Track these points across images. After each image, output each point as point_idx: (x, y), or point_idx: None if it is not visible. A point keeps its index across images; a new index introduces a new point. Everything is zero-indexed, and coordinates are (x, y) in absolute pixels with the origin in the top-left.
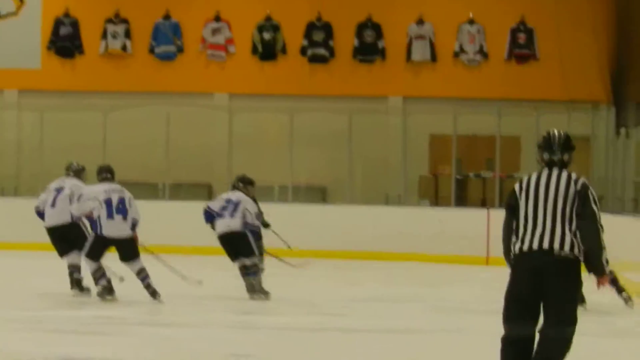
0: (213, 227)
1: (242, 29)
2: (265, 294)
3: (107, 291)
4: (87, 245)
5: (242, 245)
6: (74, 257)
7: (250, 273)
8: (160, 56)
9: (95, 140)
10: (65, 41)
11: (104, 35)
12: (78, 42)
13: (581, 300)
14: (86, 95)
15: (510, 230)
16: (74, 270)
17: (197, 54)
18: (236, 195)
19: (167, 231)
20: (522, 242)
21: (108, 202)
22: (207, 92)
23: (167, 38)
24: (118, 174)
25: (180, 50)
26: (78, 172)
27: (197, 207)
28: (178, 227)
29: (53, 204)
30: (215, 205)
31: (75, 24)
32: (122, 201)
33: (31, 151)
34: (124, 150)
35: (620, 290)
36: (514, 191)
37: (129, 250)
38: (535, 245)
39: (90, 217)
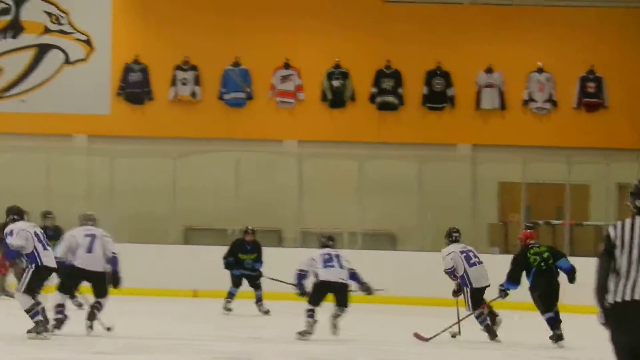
0: (301, 288)
1: (311, 76)
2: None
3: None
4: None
5: (344, 296)
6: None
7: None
8: (229, 103)
9: (164, 185)
10: (134, 87)
11: (174, 81)
12: (147, 89)
13: None
14: (156, 141)
15: (606, 275)
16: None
17: (266, 101)
18: (334, 250)
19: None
20: (620, 292)
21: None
22: (276, 138)
23: (237, 85)
24: (187, 219)
25: (250, 97)
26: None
27: (266, 253)
28: None
29: (90, 250)
30: (307, 264)
31: (144, 71)
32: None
33: (101, 196)
34: (193, 196)
35: None
36: (609, 236)
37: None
38: (637, 296)
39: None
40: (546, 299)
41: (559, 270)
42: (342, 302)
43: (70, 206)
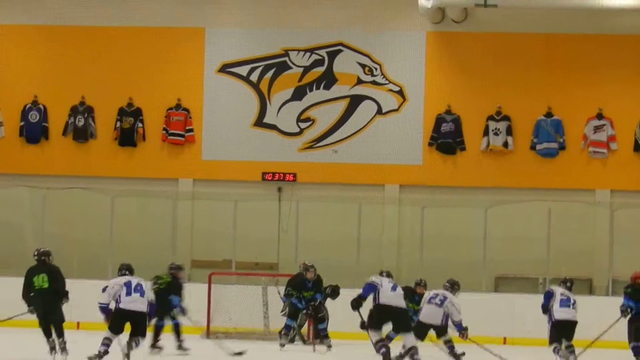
0: None
1: (624, 125)
2: None
3: None
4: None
5: None
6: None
7: None
8: (541, 153)
9: (475, 234)
10: (446, 137)
11: (486, 131)
12: (460, 139)
13: None
14: (467, 191)
15: None
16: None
17: (578, 151)
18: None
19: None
20: None
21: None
22: (588, 188)
23: (549, 135)
24: (498, 268)
25: (562, 147)
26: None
27: (578, 301)
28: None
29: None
30: None
31: (456, 121)
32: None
33: (411, 245)
34: (504, 245)
35: None
36: None
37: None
38: None
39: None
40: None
41: None
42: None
43: (380, 254)
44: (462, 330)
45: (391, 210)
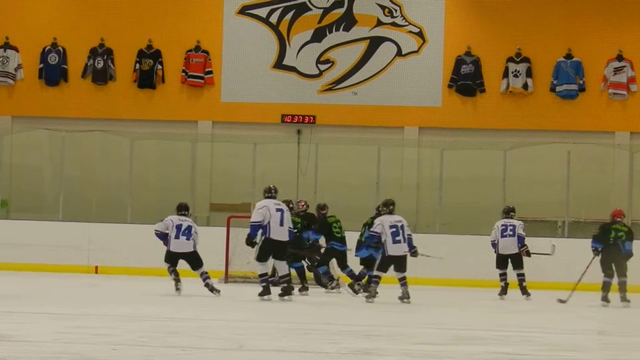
0: None
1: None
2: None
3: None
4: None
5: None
6: None
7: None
8: (561, 95)
9: (494, 177)
10: (466, 79)
11: (505, 73)
12: (479, 81)
13: None
14: (486, 133)
15: None
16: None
17: (598, 93)
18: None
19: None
20: None
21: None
22: (608, 130)
23: (569, 77)
24: (517, 211)
25: (582, 89)
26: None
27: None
28: (574, 263)
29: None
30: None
31: (476, 63)
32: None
33: (430, 187)
34: (523, 188)
35: None
36: None
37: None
38: None
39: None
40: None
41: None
42: None
43: (400, 196)
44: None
45: (410, 152)
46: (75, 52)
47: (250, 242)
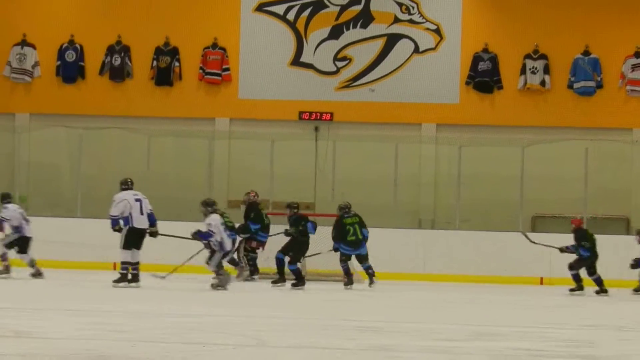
0: None
1: None
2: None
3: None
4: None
5: None
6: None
7: None
8: (579, 91)
9: (512, 174)
10: (484, 76)
11: (523, 70)
12: (497, 77)
13: None
14: (503, 130)
15: None
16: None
17: (616, 90)
18: None
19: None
20: None
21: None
22: (626, 127)
23: (587, 74)
24: (534, 207)
25: (600, 85)
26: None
27: (614, 240)
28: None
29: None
30: None
31: (494, 59)
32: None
33: (448, 184)
34: (541, 184)
35: None
36: None
37: None
38: None
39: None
40: None
41: None
42: None
43: (417, 193)
44: None
45: (428, 149)
46: (92, 49)
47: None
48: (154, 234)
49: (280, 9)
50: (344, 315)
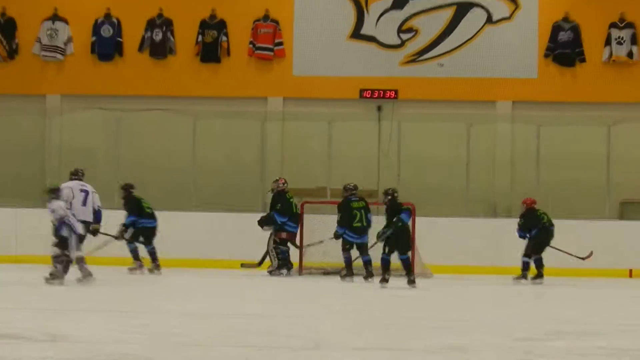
0: None
1: None
2: None
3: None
4: None
5: None
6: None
7: None
8: None
9: (596, 155)
10: (564, 48)
11: (608, 41)
12: (579, 49)
13: None
14: (586, 107)
15: None
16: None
17: None
18: None
19: None
20: None
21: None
22: None
23: None
24: (621, 193)
25: None
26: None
27: None
28: None
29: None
30: None
31: (575, 29)
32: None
33: (526, 165)
34: (630, 167)
35: None
36: None
37: None
38: None
39: None
40: None
41: None
42: None
43: (492, 176)
44: None
45: (504, 128)
46: (130, 24)
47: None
48: (94, 232)
49: None
50: (407, 312)
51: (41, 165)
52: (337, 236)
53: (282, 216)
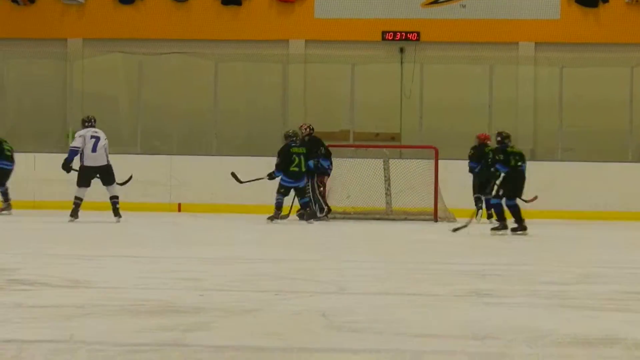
0: None
1: None
2: None
3: None
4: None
5: None
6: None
7: None
8: None
9: (620, 97)
10: None
11: None
12: None
13: None
14: (610, 48)
15: None
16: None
17: None
18: None
19: None
20: None
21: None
22: None
23: None
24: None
25: None
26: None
27: None
28: None
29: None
30: None
31: None
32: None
33: (548, 109)
34: None
35: None
36: None
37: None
38: None
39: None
40: None
41: None
42: None
43: (515, 120)
44: None
45: (526, 70)
46: None
47: (66, 166)
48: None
49: None
50: (435, 258)
51: (62, 111)
52: (270, 176)
53: (326, 160)
